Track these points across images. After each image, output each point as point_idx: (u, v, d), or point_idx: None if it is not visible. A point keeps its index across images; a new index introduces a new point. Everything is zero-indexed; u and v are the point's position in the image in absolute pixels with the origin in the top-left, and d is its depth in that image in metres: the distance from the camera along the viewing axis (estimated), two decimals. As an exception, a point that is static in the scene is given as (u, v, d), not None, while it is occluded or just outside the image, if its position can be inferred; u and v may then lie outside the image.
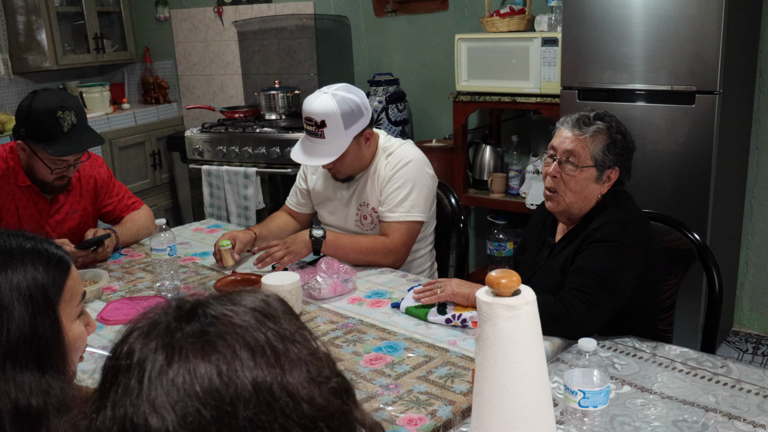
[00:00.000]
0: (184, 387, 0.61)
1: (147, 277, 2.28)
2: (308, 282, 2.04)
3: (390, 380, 1.56)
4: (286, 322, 0.70)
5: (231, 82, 4.98)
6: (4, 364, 0.99)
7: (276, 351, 0.66)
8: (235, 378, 0.62)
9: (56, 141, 2.22)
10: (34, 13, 4.55)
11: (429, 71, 4.24)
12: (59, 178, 2.33)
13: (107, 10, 4.98)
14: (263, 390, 0.63)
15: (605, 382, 1.20)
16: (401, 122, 4.19)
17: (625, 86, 2.99)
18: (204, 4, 4.90)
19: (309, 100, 2.25)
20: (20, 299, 1.02)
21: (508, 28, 3.48)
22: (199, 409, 0.61)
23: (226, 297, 0.71)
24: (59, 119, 2.22)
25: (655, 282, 1.88)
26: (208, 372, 0.62)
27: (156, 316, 0.68)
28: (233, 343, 0.64)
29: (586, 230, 1.85)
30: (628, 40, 2.94)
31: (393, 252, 2.28)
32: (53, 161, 2.27)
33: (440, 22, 4.13)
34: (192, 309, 0.68)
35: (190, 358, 0.63)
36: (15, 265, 1.04)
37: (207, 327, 0.65)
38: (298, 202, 2.58)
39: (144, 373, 0.62)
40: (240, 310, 0.68)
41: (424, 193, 2.32)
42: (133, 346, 0.65)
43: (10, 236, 1.10)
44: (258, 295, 0.73)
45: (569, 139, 1.88)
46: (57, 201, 2.46)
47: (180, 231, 2.81)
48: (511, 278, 1.04)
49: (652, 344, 1.67)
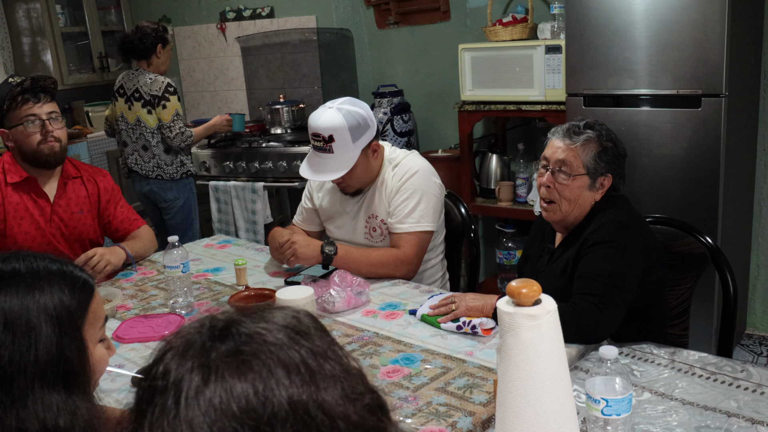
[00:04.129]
0: (221, 407, 0.61)
1: (160, 295, 2.28)
2: (322, 295, 2.04)
3: (408, 392, 1.56)
4: (318, 338, 0.70)
5: (236, 98, 5.00)
6: (33, 384, 1.00)
7: (310, 368, 0.66)
8: (271, 397, 0.62)
9: (12, 96, 2.36)
10: (39, 35, 4.59)
11: (433, 81, 4.26)
12: (44, 140, 2.39)
13: (111, 30, 5.03)
14: (299, 408, 0.63)
15: (628, 390, 1.20)
16: (407, 133, 4.21)
17: (630, 91, 2.99)
18: (207, 20, 4.93)
19: (315, 115, 2.26)
20: (48, 320, 1.03)
21: (511, 37, 3.49)
22: (236, 429, 0.61)
23: (257, 314, 0.71)
24: (9, 83, 2.39)
25: (658, 281, 1.89)
26: (244, 391, 0.62)
27: (190, 335, 0.68)
28: (268, 362, 0.64)
29: (584, 234, 1.87)
30: (631, 45, 2.95)
31: (405, 263, 2.28)
32: (24, 118, 2.36)
33: (443, 33, 4.14)
34: (225, 327, 0.68)
35: (227, 377, 0.63)
36: (42, 286, 1.05)
37: (241, 346, 0.65)
38: (304, 220, 2.58)
39: (181, 393, 0.63)
40: (272, 328, 0.68)
41: (433, 203, 2.32)
42: (169, 366, 0.65)
43: (37, 258, 1.11)
44: (288, 312, 0.73)
45: (561, 148, 1.90)
46: (60, 197, 2.50)
47: (191, 247, 2.81)
48: (532, 288, 1.04)
49: (670, 350, 1.67)
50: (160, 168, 3.87)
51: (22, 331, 1.00)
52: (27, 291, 1.03)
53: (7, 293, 1.02)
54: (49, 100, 2.41)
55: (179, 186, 3.91)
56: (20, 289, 1.03)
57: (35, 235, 2.47)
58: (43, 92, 2.39)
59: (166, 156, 3.86)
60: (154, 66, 3.80)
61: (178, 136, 3.76)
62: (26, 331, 1.01)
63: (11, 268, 1.05)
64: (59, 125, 2.43)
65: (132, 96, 3.82)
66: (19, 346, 1.00)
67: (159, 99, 3.73)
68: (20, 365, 0.99)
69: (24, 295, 1.03)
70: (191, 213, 4.00)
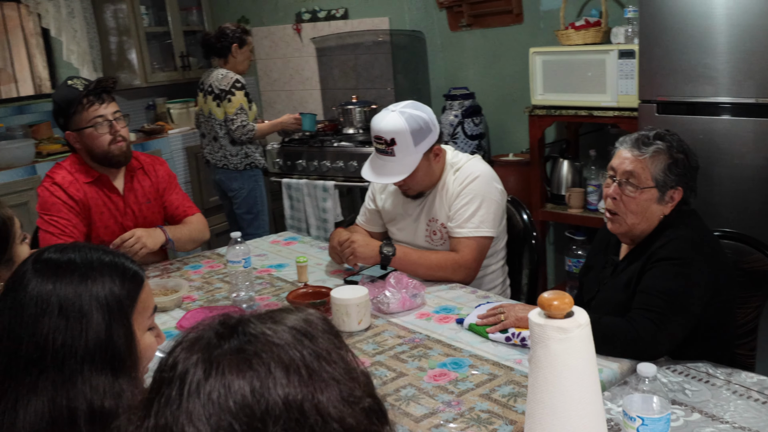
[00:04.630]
0: (219, 401, 0.65)
1: (224, 288, 2.36)
2: (377, 296, 2.07)
3: (452, 397, 1.57)
4: (324, 341, 0.73)
5: (310, 97, 5.09)
6: (82, 367, 1.07)
7: (310, 369, 0.68)
8: (267, 395, 0.65)
9: (78, 99, 2.44)
10: (125, 34, 4.79)
11: (505, 85, 4.23)
12: (113, 141, 2.48)
13: (192, 30, 5.20)
14: (294, 407, 0.66)
15: (666, 410, 1.17)
16: (477, 136, 4.19)
17: (708, 99, 2.89)
18: (283, 21, 5.04)
19: (377, 118, 2.29)
20: (98, 308, 1.10)
21: (584, 41, 3.43)
22: (231, 423, 0.64)
23: (268, 315, 0.74)
24: (72, 86, 2.46)
25: (727, 302, 1.82)
26: (241, 388, 0.65)
27: (201, 331, 0.72)
28: (268, 361, 0.67)
29: (651, 248, 1.81)
30: (711, 51, 2.84)
31: (463, 267, 2.28)
32: (93, 120, 2.44)
33: (515, 36, 4.11)
34: (233, 326, 0.71)
35: (226, 373, 0.66)
36: (95, 276, 1.12)
37: (245, 345, 0.69)
38: (367, 221, 2.62)
39: (184, 385, 0.66)
40: (279, 329, 0.71)
41: (493, 208, 2.31)
42: (177, 359, 0.69)
43: (92, 250, 1.18)
44: (301, 314, 0.76)
45: (628, 159, 1.85)
46: (129, 190, 2.61)
47: (258, 243, 2.90)
48: (563, 300, 1.04)
49: (728, 370, 1.61)
50: (226, 158, 4.11)
51: (75, 317, 1.07)
52: (81, 280, 1.10)
53: (63, 282, 1.09)
54: (111, 100, 2.51)
55: (243, 177, 4.13)
56: (75, 278, 1.10)
57: (114, 228, 2.59)
58: (105, 93, 2.49)
59: (232, 147, 4.08)
60: (231, 64, 4.03)
61: (239, 129, 3.98)
62: (78, 317, 1.08)
63: (68, 258, 1.13)
64: (123, 124, 2.52)
65: (206, 90, 4.09)
66: (72, 331, 1.07)
67: (226, 93, 3.96)
68: (72, 348, 1.06)
69: (78, 284, 1.10)
70: (256, 204, 4.18)
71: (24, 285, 1.10)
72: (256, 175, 4.18)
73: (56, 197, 2.48)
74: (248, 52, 4.10)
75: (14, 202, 3.73)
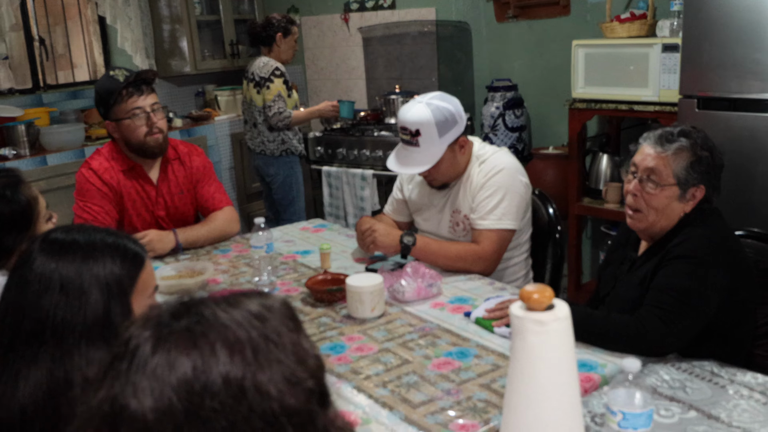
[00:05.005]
0: (162, 376, 0.69)
1: (249, 272, 2.42)
2: (393, 285, 2.10)
3: (453, 385, 1.59)
4: (277, 324, 0.76)
5: (356, 86, 5.13)
6: (80, 342, 1.13)
7: (256, 350, 0.72)
8: (208, 372, 0.69)
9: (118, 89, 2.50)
10: (177, 22, 4.91)
11: (549, 77, 4.18)
12: (150, 132, 2.54)
13: (244, 18, 5.28)
14: (233, 385, 0.69)
15: (648, 405, 1.17)
16: (518, 128, 4.16)
17: (755, 96, 2.80)
18: (332, 11, 5.08)
19: (404, 109, 2.31)
20: (98, 286, 1.16)
21: (628, 34, 3.37)
22: (171, 398, 0.68)
23: (227, 298, 0.78)
24: (113, 77, 2.52)
25: (744, 303, 1.78)
26: (183, 365, 0.69)
27: (160, 310, 0.76)
28: (214, 341, 0.71)
29: (668, 246, 1.78)
30: (760, 46, 2.76)
31: (483, 259, 2.29)
32: (131, 112, 2.50)
33: (561, 28, 4.06)
34: (187, 307, 0.75)
35: (172, 351, 0.70)
36: (96, 256, 1.18)
37: (194, 325, 0.73)
38: (394, 210, 2.64)
39: (133, 359, 0.71)
40: (233, 311, 0.75)
41: (516, 201, 2.31)
42: (132, 334, 0.73)
43: (95, 231, 1.24)
44: (262, 299, 0.79)
45: (651, 156, 1.82)
46: (163, 180, 2.67)
47: (288, 229, 2.96)
48: (544, 293, 1.05)
49: (733, 370, 1.59)
50: (264, 144, 4.21)
51: (75, 294, 1.14)
52: (83, 260, 1.16)
53: (65, 260, 1.16)
54: (150, 92, 2.56)
55: (280, 163, 4.22)
56: (77, 257, 1.16)
57: (146, 216, 2.68)
58: (145, 84, 2.55)
59: (269, 133, 4.18)
60: (275, 53, 4.12)
61: (275, 116, 4.08)
62: (78, 294, 1.14)
63: (72, 238, 1.19)
64: (161, 116, 2.58)
65: (249, 78, 4.20)
66: (71, 307, 1.13)
67: (265, 80, 4.06)
68: (71, 324, 1.12)
69: (80, 263, 1.16)
70: (292, 190, 4.26)
71: (30, 263, 1.17)
72: (293, 161, 4.26)
73: (91, 183, 2.58)
74: (292, 41, 4.17)
75: (63, 184, 3.89)
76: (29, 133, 3.98)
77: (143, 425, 0.67)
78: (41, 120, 4.20)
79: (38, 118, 4.16)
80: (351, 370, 1.69)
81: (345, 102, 4.28)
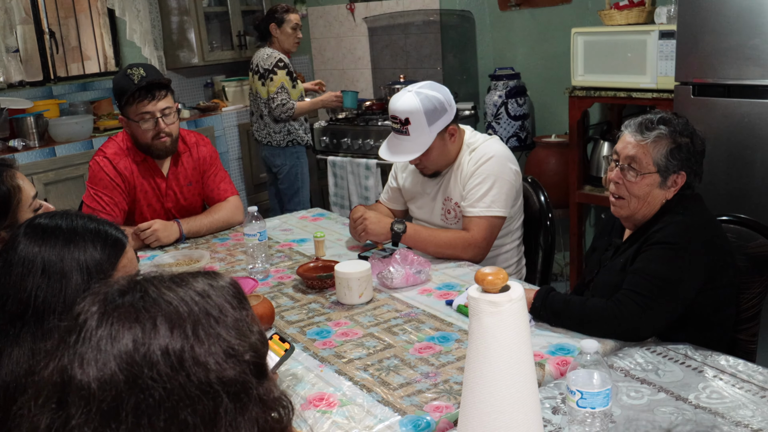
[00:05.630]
0: (105, 348, 0.74)
1: (245, 260, 2.47)
2: (381, 271, 2.14)
3: (432, 368, 1.63)
4: (221, 300, 0.81)
5: (362, 76, 5.16)
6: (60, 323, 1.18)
7: (196, 325, 0.77)
8: (148, 344, 0.74)
9: (130, 91, 2.53)
10: (185, 14, 4.96)
11: (551, 65, 4.19)
12: (156, 136, 2.58)
13: (252, 9, 5.32)
14: (172, 357, 0.74)
15: (606, 384, 1.20)
16: (521, 117, 4.17)
17: (753, 82, 2.79)
18: (338, 1, 5.11)
19: (394, 98, 2.35)
20: (78, 270, 1.21)
21: (626, 21, 3.37)
22: (113, 368, 0.73)
23: (174, 277, 0.83)
24: (129, 75, 2.55)
25: (724, 288, 1.80)
26: (125, 338, 0.74)
27: (109, 287, 0.81)
28: (155, 316, 0.76)
29: (648, 232, 1.81)
30: (755, 32, 2.75)
31: (473, 246, 2.32)
32: (140, 115, 2.55)
33: (563, 16, 4.06)
34: (134, 285, 0.80)
35: (115, 324, 0.75)
36: (77, 241, 1.23)
37: (137, 301, 0.78)
38: (389, 198, 2.68)
39: (81, 332, 0.76)
40: (178, 289, 0.80)
41: (506, 189, 2.34)
42: (81, 309, 0.79)
43: (79, 218, 1.29)
44: (209, 279, 0.84)
45: (631, 144, 1.84)
46: (172, 172, 2.72)
47: (287, 218, 3.01)
48: (498, 276, 1.08)
49: (706, 353, 1.61)
50: (270, 136, 4.27)
51: (56, 277, 1.19)
52: (64, 245, 1.22)
53: (48, 245, 1.21)
54: (164, 96, 2.57)
55: (286, 153, 4.27)
56: (59, 242, 1.22)
57: (156, 207, 2.73)
58: (158, 89, 2.56)
59: (275, 125, 4.23)
60: (276, 44, 4.18)
61: (279, 107, 4.13)
62: (59, 277, 1.19)
63: (55, 224, 1.24)
64: (172, 120, 2.61)
65: (254, 70, 4.25)
66: (52, 290, 1.18)
67: (269, 72, 4.12)
68: (51, 305, 1.18)
69: (61, 248, 1.21)
70: (297, 181, 4.32)
71: (15, 246, 1.23)
72: (299, 151, 4.30)
73: (105, 172, 2.62)
74: (289, 30, 4.19)
75: (71, 175, 3.97)
76: (38, 125, 4.06)
77: (88, 393, 0.72)
78: (50, 112, 4.28)
79: (47, 110, 4.24)
80: (335, 354, 1.74)
81: (348, 92, 4.31)
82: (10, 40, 4.39)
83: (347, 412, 1.47)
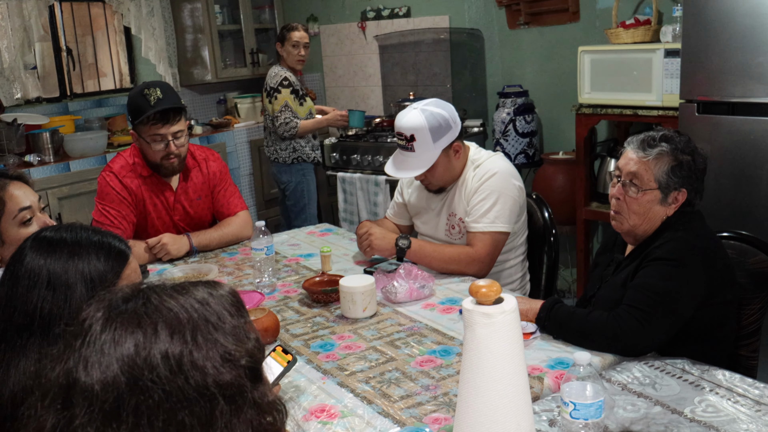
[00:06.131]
0: (108, 352, 0.78)
1: (252, 274, 2.51)
2: (386, 286, 2.17)
3: (432, 382, 1.65)
4: (219, 308, 0.85)
5: (372, 94, 5.22)
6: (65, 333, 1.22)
7: (195, 331, 0.80)
8: (149, 349, 0.78)
9: (145, 114, 2.55)
10: (199, 32, 5.05)
11: (559, 83, 4.22)
12: (166, 156, 2.63)
13: (265, 27, 5.41)
14: (171, 361, 0.78)
15: (599, 396, 1.22)
16: (529, 134, 4.21)
17: (757, 99, 2.82)
18: (349, 19, 5.18)
19: (400, 115, 2.39)
20: (83, 282, 1.25)
21: (633, 40, 3.41)
22: (115, 371, 0.77)
23: (176, 286, 0.87)
24: (146, 95, 2.56)
25: (724, 304, 1.82)
26: (128, 342, 0.78)
27: (114, 294, 0.85)
28: (156, 322, 0.80)
29: (649, 248, 1.83)
30: (759, 50, 2.77)
31: (476, 261, 2.35)
32: (152, 137, 2.58)
33: (571, 34, 4.10)
34: (137, 293, 0.84)
35: (118, 329, 0.79)
36: (81, 253, 1.27)
37: (140, 308, 0.82)
38: (395, 213, 2.72)
39: (86, 336, 0.80)
40: (180, 297, 0.84)
41: (509, 204, 2.37)
42: (87, 314, 0.83)
43: (83, 230, 1.33)
44: (210, 288, 0.88)
45: (633, 161, 1.87)
46: (182, 187, 2.76)
47: (295, 233, 3.05)
48: (491, 288, 1.11)
49: (704, 367, 1.63)
50: (277, 153, 4.35)
51: (61, 289, 1.23)
52: (69, 257, 1.26)
53: (53, 257, 1.25)
54: (178, 120, 2.60)
55: (291, 170, 4.35)
56: (64, 254, 1.26)
57: (166, 219, 2.78)
58: (173, 113, 2.59)
59: (281, 142, 4.31)
60: (284, 61, 4.29)
61: (282, 126, 4.21)
62: (64, 289, 1.23)
63: (60, 236, 1.29)
64: (182, 142, 2.65)
65: (264, 87, 4.35)
66: (57, 301, 1.22)
67: (273, 91, 4.21)
68: (57, 316, 1.22)
69: (66, 260, 1.25)
70: (303, 197, 4.38)
71: (21, 259, 1.27)
72: (305, 168, 4.36)
73: (111, 187, 2.68)
74: (290, 47, 4.27)
75: (85, 190, 4.04)
76: (53, 140, 4.14)
77: (91, 394, 0.76)
78: (66, 127, 4.36)
79: (63, 126, 4.32)
80: (338, 366, 1.77)
81: (355, 111, 4.37)
82: (29, 57, 4.49)
83: (348, 423, 1.50)
